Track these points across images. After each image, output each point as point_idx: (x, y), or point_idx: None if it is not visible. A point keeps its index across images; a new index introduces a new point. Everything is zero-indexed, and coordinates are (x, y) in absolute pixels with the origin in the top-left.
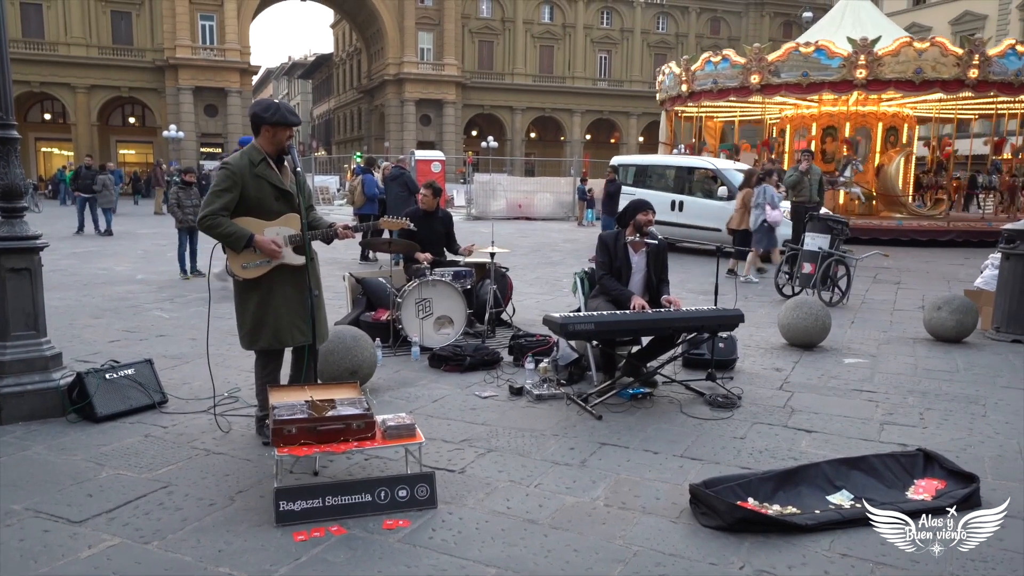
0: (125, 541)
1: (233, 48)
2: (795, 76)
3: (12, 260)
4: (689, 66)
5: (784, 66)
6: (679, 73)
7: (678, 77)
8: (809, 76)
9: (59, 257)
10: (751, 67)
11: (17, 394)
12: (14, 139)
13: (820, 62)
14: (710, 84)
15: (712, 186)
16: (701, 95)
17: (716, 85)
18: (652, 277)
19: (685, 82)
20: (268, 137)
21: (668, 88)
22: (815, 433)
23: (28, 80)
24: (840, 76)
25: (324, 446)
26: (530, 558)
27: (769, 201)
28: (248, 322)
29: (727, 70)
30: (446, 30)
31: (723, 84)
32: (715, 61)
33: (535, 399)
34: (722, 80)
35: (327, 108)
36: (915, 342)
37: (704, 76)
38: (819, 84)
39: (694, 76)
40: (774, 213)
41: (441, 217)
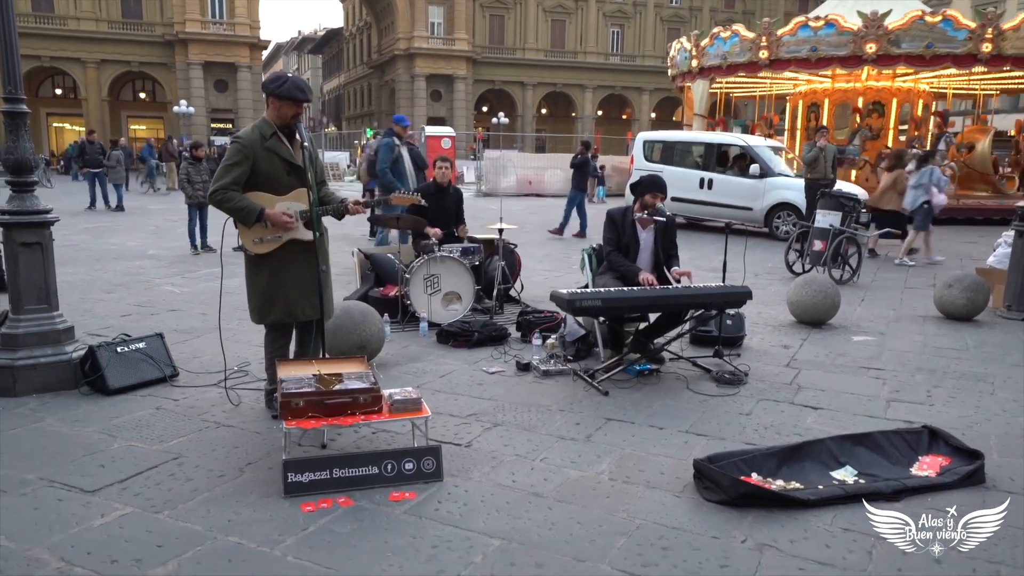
0: (136, 510)
1: (243, 23)
2: (805, 51)
3: (23, 234)
4: (699, 41)
5: (793, 41)
6: (689, 48)
7: (754, 42)
8: (818, 51)
9: (71, 232)
10: (758, 42)
11: (30, 367)
12: (23, 113)
13: (829, 37)
14: (719, 60)
15: (743, 164)
16: (711, 71)
17: (725, 61)
18: (660, 254)
19: (765, 48)
20: (274, 109)
21: (680, 64)
22: (821, 410)
23: (39, 55)
24: (849, 51)
25: (331, 419)
26: (534, 530)
27: (936, 183)
28: (259, 296)
29: (736, 46)
30: (457, 4)
31: (732, 60)
32: (724, 36)
33: (542, 375)
34: (732, 56)
35: (337, 83)
36: (925, 320)
37: (714, 54)
38: (828, 59)
39: (703, 51)
40: (940, 196)
41: (452, 193)
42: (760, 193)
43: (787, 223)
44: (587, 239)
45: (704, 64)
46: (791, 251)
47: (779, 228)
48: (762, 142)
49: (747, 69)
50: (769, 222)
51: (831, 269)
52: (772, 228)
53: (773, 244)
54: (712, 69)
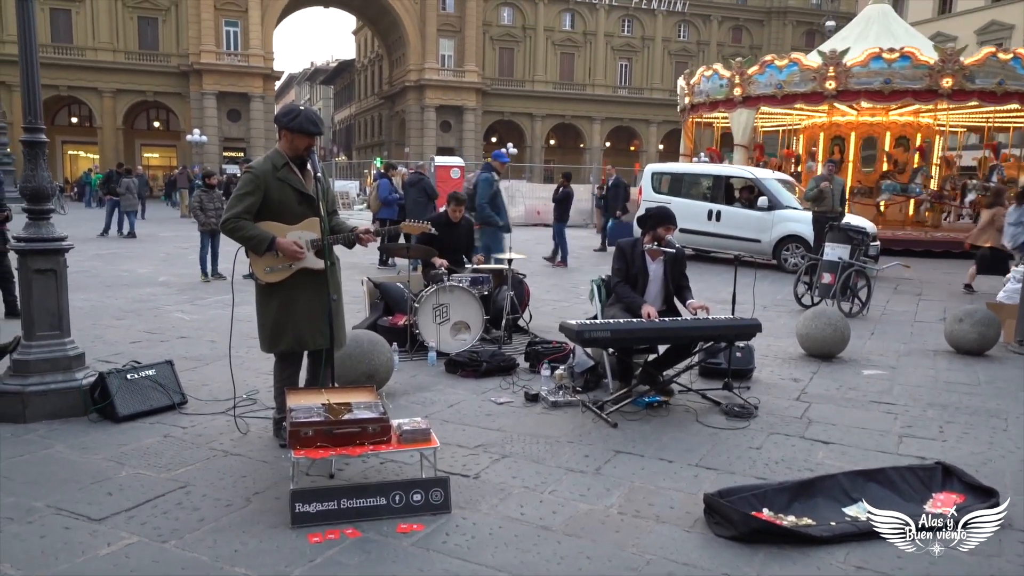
0: (143, 540)
1: (257, 54)
2: (877, 83)
3: (38, 261)
4: (744, 69)
5: (864, 72)
6: (730, 76)
7: (730, 80)
8: (892, 83)
9: (83, 259)
10: (824, 72)
11: (41, 393)
12: (42, 143)
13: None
14: (772, 89)
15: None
16: (759, 100)
17: (780, 90)
18: (670, 285)
19: (739, 85)
20: (287, 141)
21: (708, 91)
22: (832, 444)
23: (56, 84)
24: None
25: (340, 449)
26: (543, 564)
27: None
28: (269, 325)
29: (795, 75)
30: (467, 37)
31: (789, 89)
32: (780, 65)
33: (551, 406)
34: (789, 86)
35: (348, 113)
36: (936, 354)
37: (765, 83)
38: (902, 92)
39: (750, 79)
40: None
41: (463, 226)
42: (768, 225)
43: (796, 255)
44: (568, 268)
45: (750, 93)
46: (800, 284)
47: (788, 260)
48: (770, 175)
49: (807, 100)
50: (778, 254)
51: (840, 302)
52: (781, 260)
53: (782, 276)
54: (763, 98)
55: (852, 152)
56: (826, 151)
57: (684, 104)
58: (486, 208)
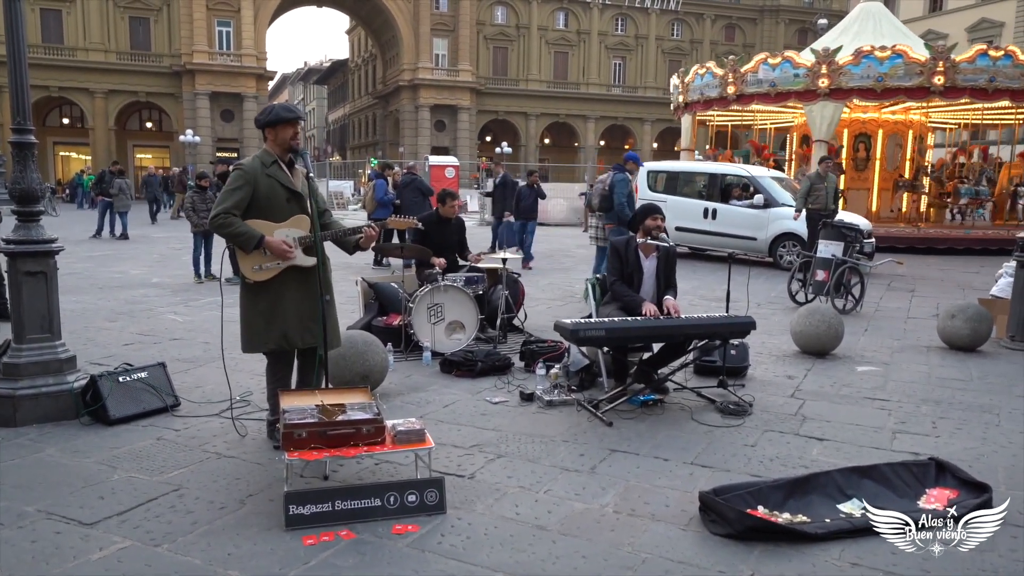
0: (136, 543)
1: (249, 54)
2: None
3: (28, 264)
4: (738, 67)
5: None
6: (723, 74)
7: (723, 79)
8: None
9: (75, 260)
10: (817, 70)
11: (32, 396)
12: (31, 144)
13: None
14: (766, 87)
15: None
16: (752, 97)
17: (773, 88)
18: (662, 282)
19: (732, 84)
20: (272, 138)
21: (701, 88)
22: (826, 441)
23: (47, 85)
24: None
25: (334, 450)
26: (538, 564)
27: None
28: (254, 324)
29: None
30: (461, 36)
31: (781, 87)
32: (773, 63)
33: (546, 405)
34: (780, 84)
35: (342, 113)
36: (929, 350)
37: (758, 80)
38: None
39: (744, 78)
40: None
41: (455, 224)
42: (764, 223)
43: (791, 253)
44: (533, 269)
45: (745, 91)
46: (794, 281)
47: (783, 258)
48: (766, 172)
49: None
50: (773, 252)
51: (834, 299)
52: (776, 258)
53: (776, 274)
54: (755, 96)
55: (880, 150)
56: (850, 149)
57: (678, 102)
58: (625, 207)
